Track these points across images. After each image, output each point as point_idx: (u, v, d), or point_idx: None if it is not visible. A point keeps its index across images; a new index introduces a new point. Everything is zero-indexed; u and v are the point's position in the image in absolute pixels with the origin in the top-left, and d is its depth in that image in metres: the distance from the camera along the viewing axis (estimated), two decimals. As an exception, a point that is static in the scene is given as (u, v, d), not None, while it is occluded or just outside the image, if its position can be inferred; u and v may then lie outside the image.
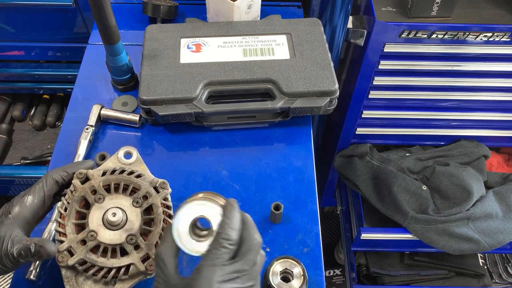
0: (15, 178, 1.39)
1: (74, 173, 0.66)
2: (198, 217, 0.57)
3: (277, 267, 0.67)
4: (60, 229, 0.63)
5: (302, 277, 0.66)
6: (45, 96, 1.54)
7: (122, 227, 0.64)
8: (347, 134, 1.29)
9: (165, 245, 0.56)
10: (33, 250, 0.58)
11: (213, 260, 0.52)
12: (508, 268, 1.52)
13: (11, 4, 1.16)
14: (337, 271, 1.68)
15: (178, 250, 0.56)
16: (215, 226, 0.56)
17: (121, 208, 0.64)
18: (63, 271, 0.63)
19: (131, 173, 0.68)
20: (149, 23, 1.07)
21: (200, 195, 0.60)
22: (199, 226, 0.58)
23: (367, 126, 1.26)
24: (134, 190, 0.67)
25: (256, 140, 0.89)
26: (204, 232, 0.57)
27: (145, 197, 0.66)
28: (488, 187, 1.25)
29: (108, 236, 0.63)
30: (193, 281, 0.52)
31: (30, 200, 0.62)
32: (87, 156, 0.85)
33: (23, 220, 0.60)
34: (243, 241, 0.55)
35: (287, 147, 0.88)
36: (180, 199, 0.80)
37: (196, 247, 0.56)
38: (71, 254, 0.62)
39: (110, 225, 0.63)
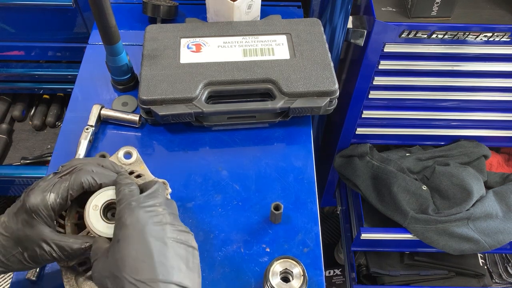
0: (15, 178, 1.39)
1: (101, 184, 0.61)
2: (107, 202, 0.60)
3: (277, 267, 0.67)
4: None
5: (302, 277, 0.66)
6: (45, 96, 1.54)
7: None
8: (347, 134, 1.29)
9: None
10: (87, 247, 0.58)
11: (130, 195, 0.56)
12: (508, 268, 1.52)
13: (11, 4, 1.16)
14: (337, 271, 1.68)
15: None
16: None
17: None
18: (63, 271, 0.63)
19: (131, 173, 0.68)
20: (149, 23, 1.07)
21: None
22: (111, 210, 0.61)
23: (367, 126, 1.26)
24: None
25: (256, 140, 0.89)
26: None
27: (145, 197, 0.66)
28: (488, 187, 1.25)
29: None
30: (122, 220, 0.54)
31: (52, 199, 0.57)
32: (87, 156, 0.85)
33: (45, 219, 0.57)
34: (144, 185, 0.60)
35: (287, 147, 0.88)
36: (180, 199, 0.80)
37: (109, 230, 0.59)
38: (71, 254, 0.62)
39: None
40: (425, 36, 0.99)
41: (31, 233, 0.57)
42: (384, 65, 1.07)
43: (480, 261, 1.39)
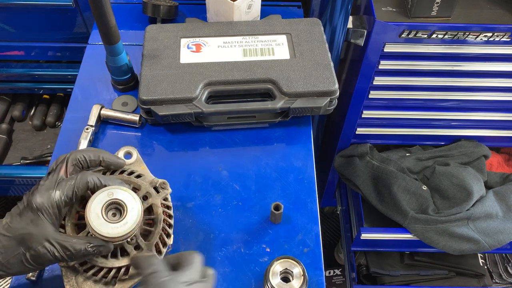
0: (15, 178, 1.39)
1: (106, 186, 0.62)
2: (109, 201, 0.60)
3: (277, 267, 0.67)
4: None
5: (302, 277, 0.66)
6: (45, 96, 1.54)
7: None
8: (347, 134, 1.29)
9: None
10: (92, 250, 0.58)
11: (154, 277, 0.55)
12: (508, 268, 1.52)
13: (11, 4, 1.15)
14: (337, 271, 1.68)
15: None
16: (127, 208, 0.60)
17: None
18: (63, 271, 0.63)
19: (131, 173, 0.68)
20: (149, 23, 1.07)
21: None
22: (111, 210, 0.61)
23: (367, 126, 1.26)
24: (134, 190, 0.66)
25: (256, 140, 0.89)
26: (117, 217, 0.61)
27: (145, 197, 0.66)
28: (488, 187, 1.25)
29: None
30: None
31: (58, 197, 0.58)
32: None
33: (51, 217, 0.57)
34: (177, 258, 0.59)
35: (287, 147, 0.88)
36: (180, 199, 0.80)
37: (109, 230, 0.59)
38: (71, 254, 0.62)
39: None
40: (425, 36, 0.99)
41: (35, 231, 0.56)
42: (384, 65, 1.07)
43: (480, 261, 1.39)
